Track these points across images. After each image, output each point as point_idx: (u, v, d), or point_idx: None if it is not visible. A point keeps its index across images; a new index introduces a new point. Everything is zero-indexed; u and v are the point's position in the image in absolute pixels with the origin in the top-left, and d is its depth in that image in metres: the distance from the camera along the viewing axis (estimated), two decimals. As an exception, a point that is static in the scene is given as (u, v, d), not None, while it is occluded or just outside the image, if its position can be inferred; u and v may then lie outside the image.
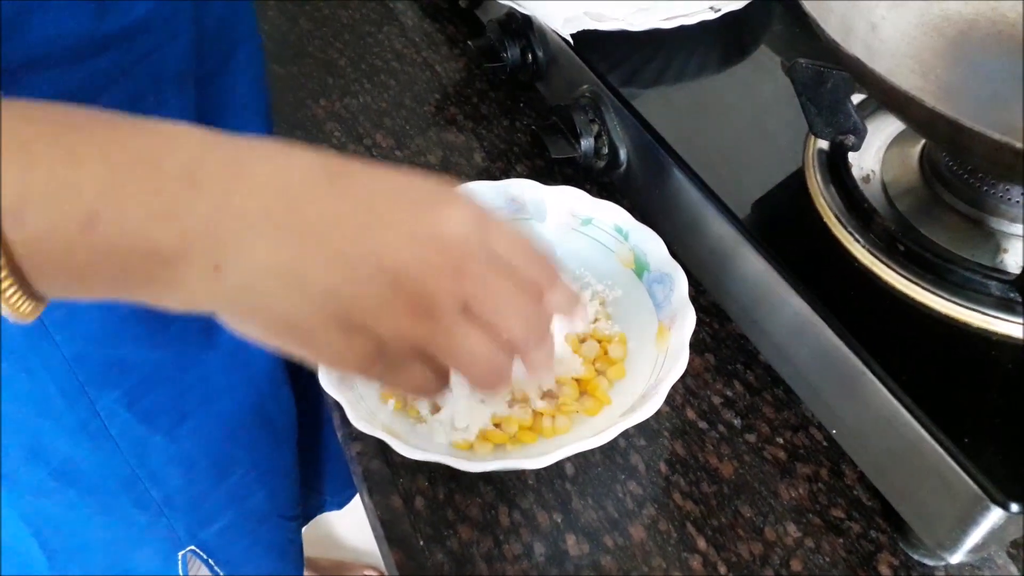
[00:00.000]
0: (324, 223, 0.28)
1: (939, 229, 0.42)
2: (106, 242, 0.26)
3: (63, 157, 0.25)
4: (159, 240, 0.26)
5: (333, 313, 0.29)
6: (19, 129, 0.25)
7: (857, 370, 0.39)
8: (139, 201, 0.26)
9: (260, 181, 0.28)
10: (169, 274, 0.27)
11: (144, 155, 0.26)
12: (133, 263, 0.27)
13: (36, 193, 0.25)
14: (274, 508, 0.67)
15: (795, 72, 0.43)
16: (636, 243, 0.48)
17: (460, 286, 0.30)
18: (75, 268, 0.26)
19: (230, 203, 0.27)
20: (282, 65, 0.70)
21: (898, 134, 0.48)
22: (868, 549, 0.41)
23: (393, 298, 0.29)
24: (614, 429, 0.38)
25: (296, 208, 0.28)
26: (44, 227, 0.25)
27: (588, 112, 0.54)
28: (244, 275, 0.28)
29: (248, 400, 0.59)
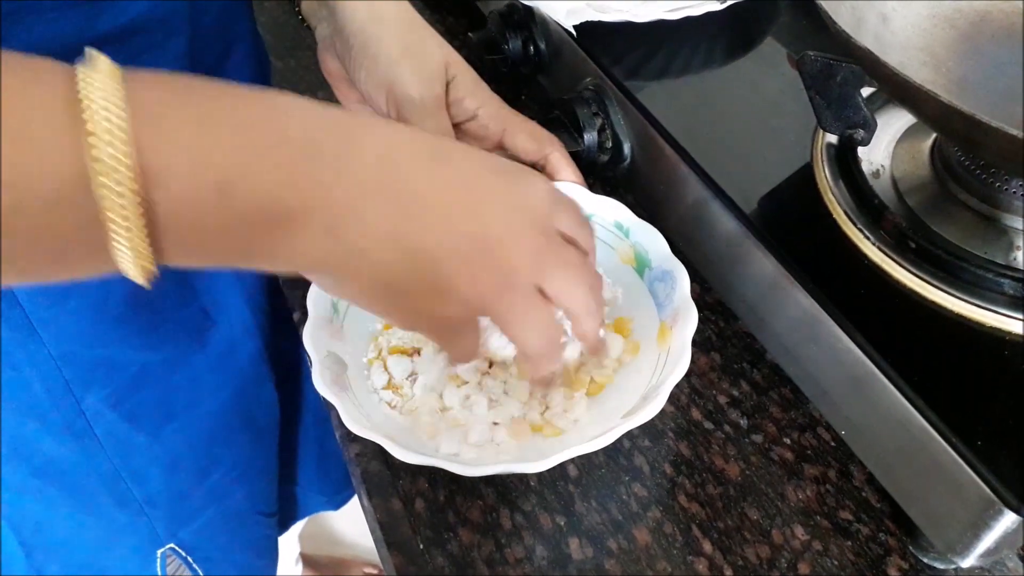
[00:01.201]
0: (428, 194, 0.32)
1: (951, 226, 0.41)
2: (238, 207, 0.27)
3: (196, 127, 0.27)
4: (284, 206, 0.28)
5: (428, 276, 0.32)
6: (149, 99, 0.26)
7: (867, 370, 0.38)
8: (267, 169, 0.28)
9: (372, 154, 0.31)
10: (288, 238, 0.29)
11: (269, 124, 0.28)
12: (258, 227, 0.28)
13: (177, 159, 0.26)
14: (253, 505, 0.67)
15: (804, 65, 0.42)
16: (637, 240, 0.47)
17: (539, 267, 0.34)
18: (206, 231, 0.28)
19: (346, 173, 0.30)
20: (280, 58, 0.69)
21: (908, 128, 0.47)
22: (877, 552, 0.41)
23: (483, 268, 0.33)
24: (615, 432, 0.37)
25: (404, 180, 0.31)
26: (184, 192, 0.26)
27: (591, 105, 0.53)
28: (355, 239, 0.30)
29: (233, 399, 0.59)
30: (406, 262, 0.32)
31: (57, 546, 0.58)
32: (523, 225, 0.34)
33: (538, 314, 0.35)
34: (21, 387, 0.49)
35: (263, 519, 0.69)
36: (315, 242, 0.30)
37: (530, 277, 0.34)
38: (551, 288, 0.35)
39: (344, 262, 0.31)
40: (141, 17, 0.42)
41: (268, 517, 0.70)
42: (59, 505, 0.56)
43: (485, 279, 0.33)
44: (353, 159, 0.30)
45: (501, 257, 0.33)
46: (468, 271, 0.32)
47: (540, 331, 0.35)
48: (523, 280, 0.34)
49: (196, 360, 0.55)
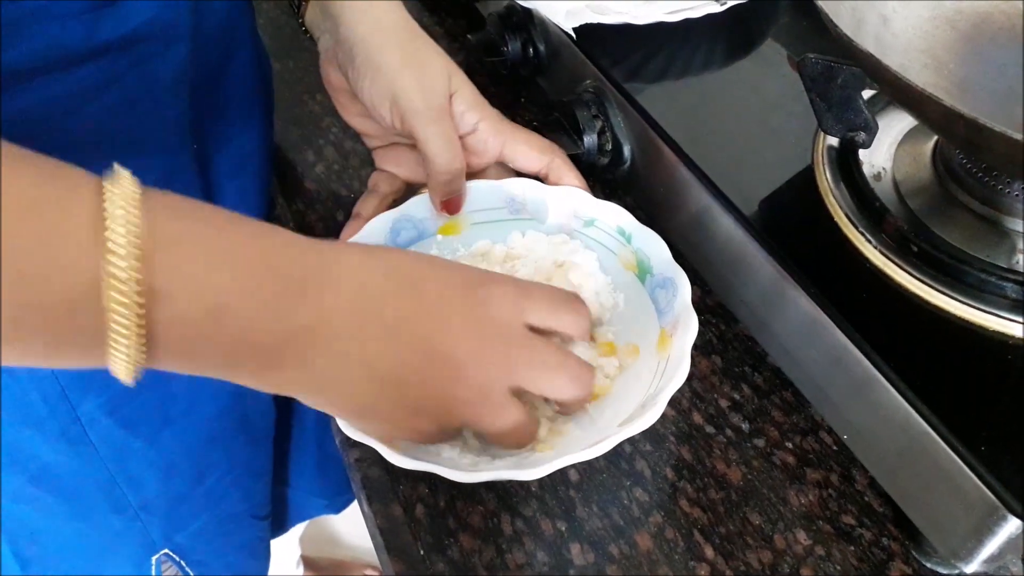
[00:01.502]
0: (396, 321, 0.34)
1: (953, 229, 0.41)
2: (227, 330, 0.31)
3: (204, 258, 0.30)
4: (270, 334, 0.32)
5: (401, 400, 0.35)
6: (169, 225, 0.29)
7: (869, 374, 0.38)
8: (257, 302, 0.31)
9: (349, 287, 0.34)
10: (270, 362, 0.32)
11: (262, 264, 0.32)
12: (243, 350, 0.32)
13: (179, 283, 0.29)
14: (248, 508, 0.67)
15: (805, 67, 0.42)
16: (639, 246, 0.47)
17: (510, 375, 0.36)
18: (196, 349, 0.31)
19: (325, 307, 0.33)
20: (279, 60, 0.69)
21: (910, 130, 0.47)
22: (880, 557, 0.40)
23: (453, 388, 0.36)
24: (612, 439, 0.37)
25: (374, 310, 0.34)
26: (183, 313, 0.29)
27: (591, 108, 0.53)
28: (332, 367, 0.33)
29: (229, 403, 0.59)
30: (377, 389, 0.35)
31: (53, 553, 0.58)
32: (489, 337, 0.36)
33: (509, 418, 0.37)
34: (17, 394, 0.49)
35: (257, 522, 0.69)
36: (296, 369, 0.33)
37: (501, 385, 0.36)
38: (527, 388, 0.37)
39: (322, 387, 0.34)
40: (143, 25, 0.42)
41: (262, 520, 0.70)
42: (55, 512, 0.56)
43: (455, 398, 0.36)
44: (333, 294, 0.33)
45: (470, 375, 0.36)
46: (438, 393, 0.35)
47: (512, 431, 0.38)
48: (494, 390, 0.36)
49: None
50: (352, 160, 0.62)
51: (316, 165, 0.62)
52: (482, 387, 0.36)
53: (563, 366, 0.38)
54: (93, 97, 0.41)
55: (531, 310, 0.38)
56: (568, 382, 0.38)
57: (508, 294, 0.38)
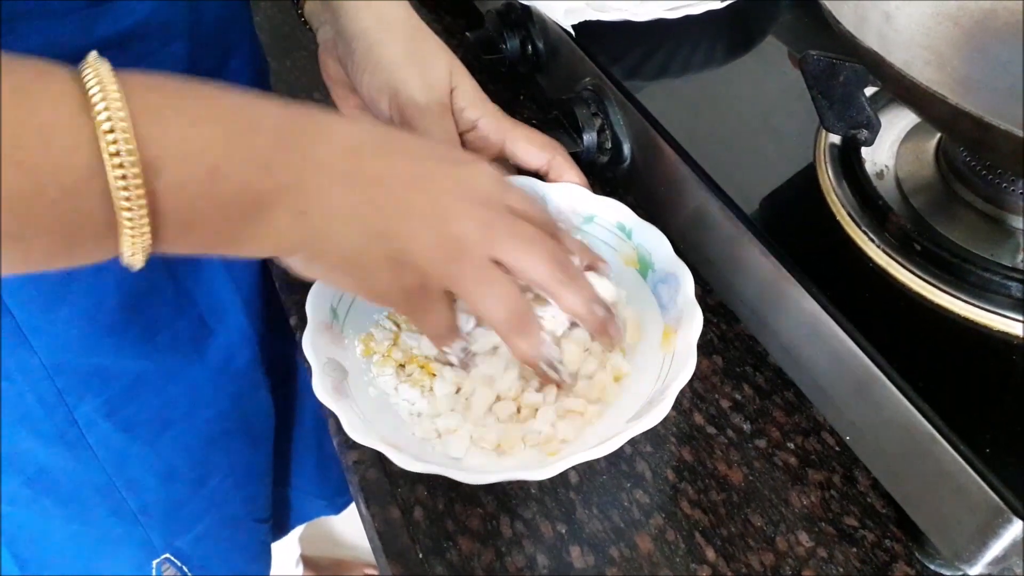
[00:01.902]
0: (385, 175, 0.35)
1: (957, 227, 0.41)
2: (224, 191, 0.31)
3: (188, 122, 0.30)
4: (262, 188, 0.32)
5: (387, 250, 0.35)
6: (148, 97, 0.29)
7: (872, 375, 0.38)
8: (248, 157, 0.32)
9: (336, 141, 0.35)
10: (266, 219, 0.33)
11: (248, 118, 0.32)
12: (242, 210, 0.32)
13: (171, 151, 0.29)
14: (249, 512, 0.67)
15: (806, 64, 0.42)
16: (640, 242, 0.46)
17: (488, 235, 0.36)
18: (198, 214, 0.31)
19: (313, 159, 0.33)
20: (276, 59, 0.69)
21: (912, 127, 0.46)
22: (883, 559, 0.40)
23: (435, 238, 0.36)
24: (620, 437, 0.36)
25: (365, 167, 0.35)
26: (177, 179, 0.30)
27: (590, 106, 0.52)
28: (321, 220, 0.34)
29: (230, 407, 0.59)
30: (365, 239, 0.35)
31: (51, 557, 0.58)
32: (470, 200, 0.37)
33: (494, 283, 0.37)
34: (13, 397, 0.49)
35: (258, 525, 0.69)
36: (289, 223, 0.33)
37: (481, 248, 0.36)
38: (505, 258, 0.37)
39: (312, 241, 0.35)
40: (140, 23, 0.41)
41: (263, 522, 0.70)
42: (53, 516, 0.55)
43: (437, 248, 0.36)
44: (319, 147, 0.34)
45: (451, 227, 0.36)
46: (420, 242, 0.35)
47: (499, 299, 0.37)
48: (474, 250, 0.36)
49: (194, 370, 0.55)
50: (350, 159, 0.61)
51: (313, 164, 0.61)
52: (459, 241, 0.36)
53: (540, 241, 0.38)
54: None
55: (512, 196, 0.39)
56: (545, 259, 0.37)
57: (493, 174, 0.39)
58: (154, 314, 0.51)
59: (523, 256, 0.37)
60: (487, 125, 0.48)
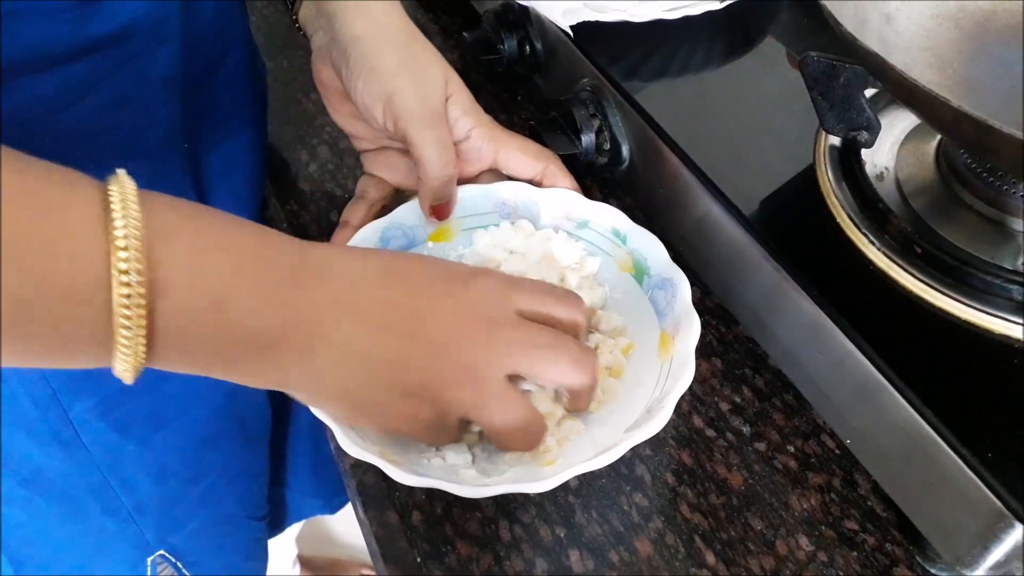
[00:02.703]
0: (388, 311, 0.35)
1: (957, 230, 0.41)
2: (227, 322, 0.31)
3: (201, 249, 0.31)
4: (269, 326, 0.32)
5: (393, 385, 0.35)
6: (165, 217, 0.30)
7: (872, 378, 0.37)
8: (257, 293, 0.32)
9: (341, 278, 0.35)
10: (269, 355, 0.33)
11: (259, 256, 0.33)
12: (243, 343, 0.32)
13: (180, 275, 0.30)
14: (244, 510, 0.66)
15: (806, 66, 0.41)
16: (635, 247, 0.46)
17: (500, 357, 0.36)
18: (196, 342, 0.31)
19: (320, 297, 0.34)
20: (272, 59, 0.68)
21: (913, 129, 0.46)
22: (883, 563, 0.40)
23: (448, 369, 0.35)
24: (619, 448, 0.36)
25: (368, 301, 0.35)
26: (181, 304, 0.30)
27: (589, 107, 0.52)
28: (330, 355, 0.34)
29: (224, 406, 0.58)
30: (372, 377, 0.35)
31: (46, 557, 0.58)
32: (476, 323, 0.36)
33: (511, 410, 0.36)
34: (7, 397, 0.49)
35: (253, 523, 0.69)
36: (296, 360, 0.33)
37: (495, 370, 0.36)
38: (525, 371, 0.37)
39: (321, 379, 0.35)
40: (133, 22, 0.41)
41: (259, 521, 0.70)
42: (47, 515, 0.55)
43: (447, 379, 0.36)
44: (327, 285, 0.34)
45: (458, 355, 0.36)
46: (429, 375, 0.35)
47: (518, 426, 0.37)
48: (486, 373, 0.36)
49: None
50: (347, 160, 0.61)
51: (310, 165, 0.61)
52: (470, 368, 0.36)
53: (559, 346, 0.37)
54: (82, 95, 0.41)
55: (520, 298, 0.38)
56: (568, 363, 0.37)
57: (497, 283, 0.38)
58: None
59: (541, 366, 0.37)
60: (481, 135, 0.48)
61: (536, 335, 0.37)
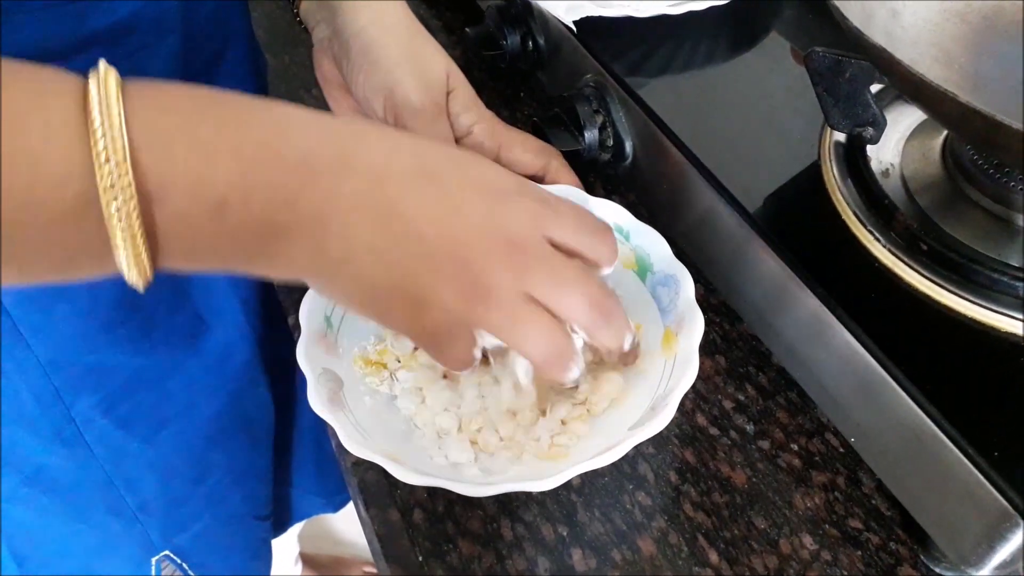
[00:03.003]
0: (411, 213, 0.33)
1: (964, 227, 0.40)
2: (232, 224, 0.29)
3: (198, 151, 0.28)
4: (277, 223, 0.30)
5: (408, 289, 0.33)
6: (157, 120, 0.28)
7: (878, 377, 0.37)
8: (263, 190, 0.29)
9: (364, 172, 0.32)
10: (280, 250, 0.31)
11: (267, 146, 0.30)
12: (251, 241, 0.30)
13: (176, 181, 0.28)
14: (249, 510, 0.66)
15: (812, 61, 0.41)
16: (638, 244, 0.46)
17: (520, 279, 0.34)
18: (200, 245, 0.30)
19: (338, 191, 0.31)
20: (275, 55, 0.68)
21: (918, 125, 0.46)
22: (888, 562, 0.40)
23: (461, 284, 0.33)
24: (623, 446, 0.36)
25: (390, 199, 0.32)
26: (181, 210, 0.28)
27: (592, 103, 0.52)
28: (342, 252, 0.32)
29: (228, 404, 0.58)
30: (387, 276, 0.33)
31: (50, 555, 0.58)
32: (504, 243, 0.34)
33: (528, 321, 0.34)
34: (9, 394, 0.48)
35: (258, 523, 0.69)
36: (306, 255, 0.32)
37: (513, 290, 0.34)
38: (539, 298, 0.34)
39: (332, 272, 0.33)
40: (132, 16, 0.41)
41: (263, 520, 0.70)
42: (51, 513, 0.55)
43: (463, 294, 0.34)
44: (346, 177, 0.31)
45: (479, 275, 0.33)
46: (444, 287, 0.33)
47: (537, 338, 0.34)
48: (504, 294, 0.34)
49: (191, 365, 0.54)
50: (349, 156, 0.61)
51: (312, 161, 0.61)
52: (487, 288, 0.33)
53: (580, 282, 0.35)
54: None
55: (554, 227, 0.35)
56: (585, 301, 0.35)
57: (531, 207, 0.35)
58: (150, 310, 0.51)
59: (558, 299, 0.35)
60: (482, 131, 0.48)
61: (561, 267, 0.35)
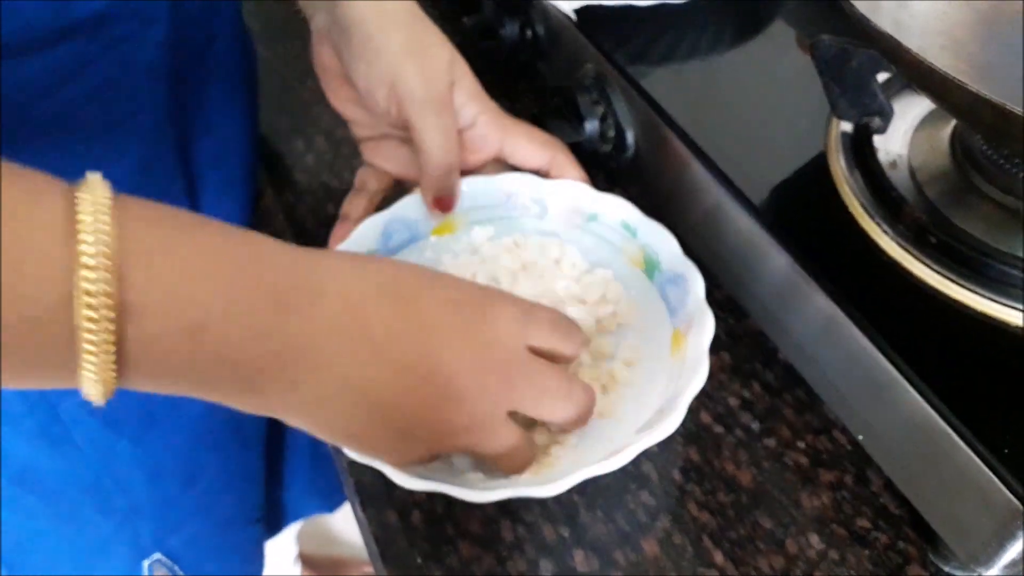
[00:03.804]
0: (388, 341, 0.32)
1: (974, 219, 0.39)
2: (205, 349, 0.28)
3: (181, 273, 0.28)
4: (251, 354, 0.29)
5: (393, 423, 0.33)
6: (143, 236, 0.27)
7: (886, 373, 0.36)
8: (239, 320, 0.29)
9: (336, 302, 0.31)
10: (252, 384, 0.30)
11: (244, 277, 0.29)
12: (223, 371, 0.29)
13: (154, 300, 0.27)
14: (241, 513, 0.65)
15: (818, 50, 0.40)
16: (646, 241, 0.45)
17: (507, 399, 0.34)
18: (170, 368, 0.28)
19: (311, 324, 0.30)
20: (268, 47, 0.67)
21: (926, 115, 0.45)
22: (896, 561, 0.39)
23: (444, 414, 0.33)
24: (631, 450, 0.35)
25: (365, 328, 0.31)
26: (158, 331, 0.27)
27: (592, 93, 0.51)
28: (318, 390, 0.31)
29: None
30: (367, 413, 0.32)
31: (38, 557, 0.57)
32: (492, 362, 0.34)
33: (506, 441, 0.35)
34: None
35: (251, 526, 0.68)
36: (280, 393, 0.31)
37: (500, 409, 0.34)
38: (529, 412, 0.36)
39: (307, 411, 0.32)
40: (117, 4, 0.40)
41: (256, 523, 0.69)
42: (38, 514, 0.54)
43: (454, 427, 0.33)
44: (319, 310, 0.31)
45: (471, 405, 0.33)
46: (434, 422, 0.33)
47: (511, 454, 0.36)
48: (491, 417, 0.34)
49: None
50: (344, 149, 0.60)
51: (306, 155, 0.60)
52: (483, 415, 0.34)
53: (565, 391, 0.36)
54: (65, 81, 0.39)
55: (533, 334, 0.35)
56: (570, 407, 0.36)
57: (512, 316, 0.35)
58: None
59: (546, 410, 0.36)
60: (486, 123, 0.47)
61: (548, 379, 0.35)
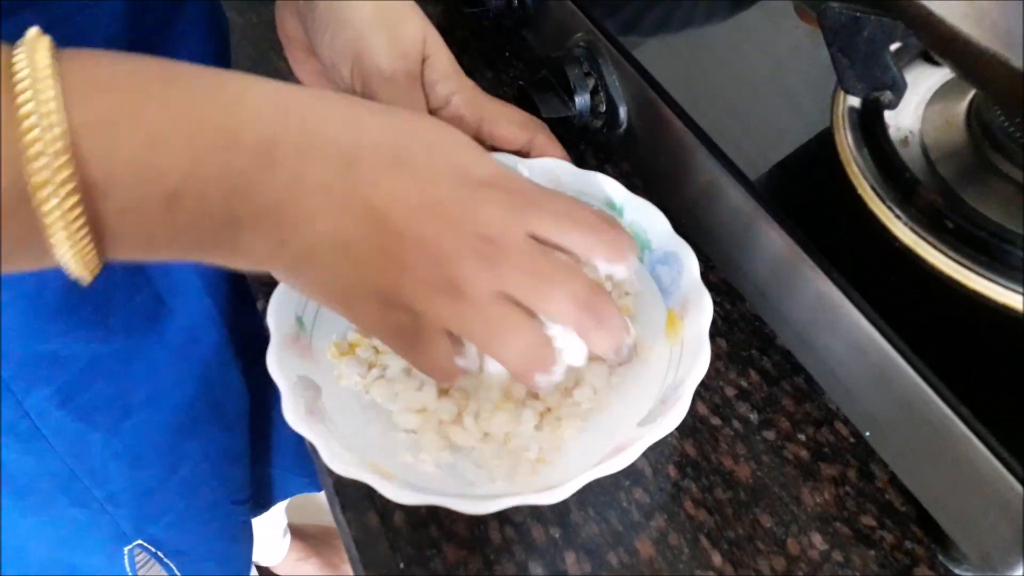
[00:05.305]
0: (382, 205, 0.30)
1: (991, 201, 0.37)
2: (186, 217, 0.27)
3: (147, 139, 0.26)
4: (234, 215, 0.28)
5: (376, 286, 0.31)
6: (99, 102, 0.25)
7: (895, 365, 0.34)
8: (218, 181, 0.27)
9: (329, 159, 0.29)
10: (240, 242, 0.29)
11: (223, 132, 0.27)
12: (209, 232, 0.28)
13: (121, 173, 0.25)
14: (226, 495, 0.64)
15: (826, 18, 0.37)
16: (633, 219, 0.42)
17: (497, 278, 0.31)
18: (153, 236, 0.27)
19: (301, 181, 0.29)
20: (240, 13, 0.63)
21: (940, 87, 0.42)
22: (904, 562, 0.37)
23: (431, 280, 0.31)
24: (637, 446, 0.33)
25: (358, 188, 0.30)
26: (128, 203, 0.26)
27: (583, 64, 0.48)
28: (305, 246, 0.30)
29: (198, 390, 0.55)
30: (353, 271, 0.31)
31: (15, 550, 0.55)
32: (477, 238, 0.31)
33: (506, 321, 0.31)
34: None
35: (237, 506, 0.67)
36: (266, 248, 0.30)
37: (486, 288, 0.31)
38: (518, 296, 0.31)
39: (293, 266, 0.31)
40: None
41: (242, 504, 0.67)
42: (10, 509, 0.52)
43: (432, 291, 0.31)
44: (309, 166, 0.29)
45: (451, 270, 0.31)
46: (415, 283, 0.31)
47: (514, 339, 0.31)
48: (476, 292, 0.31)
49: (153, 351, 0.51)
50: (322, 123, 0.56)
51: (282, 128, 0.57)
52: (459, 285, 0.31)
53: (564, 279, 0.31)
54: None
55: (535, 219, 0.32)
56: (570, 300, 0.31)
57: (509, 199, 0.32)
58: (105, 294, 0.47)
59: (539, 299, 0.31)
60: (461, 102, 0.43)
61: (543, 264, 0.31)
